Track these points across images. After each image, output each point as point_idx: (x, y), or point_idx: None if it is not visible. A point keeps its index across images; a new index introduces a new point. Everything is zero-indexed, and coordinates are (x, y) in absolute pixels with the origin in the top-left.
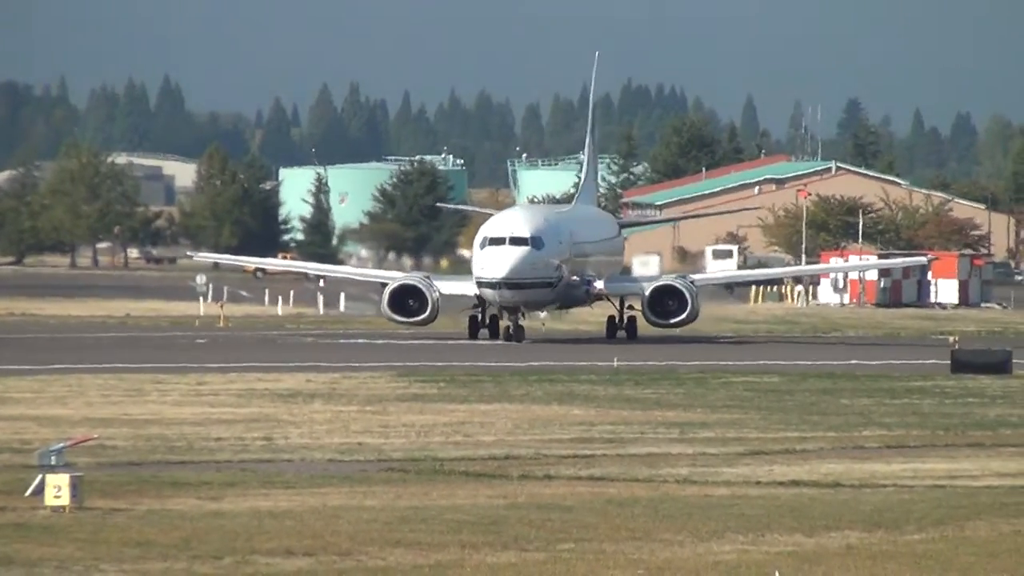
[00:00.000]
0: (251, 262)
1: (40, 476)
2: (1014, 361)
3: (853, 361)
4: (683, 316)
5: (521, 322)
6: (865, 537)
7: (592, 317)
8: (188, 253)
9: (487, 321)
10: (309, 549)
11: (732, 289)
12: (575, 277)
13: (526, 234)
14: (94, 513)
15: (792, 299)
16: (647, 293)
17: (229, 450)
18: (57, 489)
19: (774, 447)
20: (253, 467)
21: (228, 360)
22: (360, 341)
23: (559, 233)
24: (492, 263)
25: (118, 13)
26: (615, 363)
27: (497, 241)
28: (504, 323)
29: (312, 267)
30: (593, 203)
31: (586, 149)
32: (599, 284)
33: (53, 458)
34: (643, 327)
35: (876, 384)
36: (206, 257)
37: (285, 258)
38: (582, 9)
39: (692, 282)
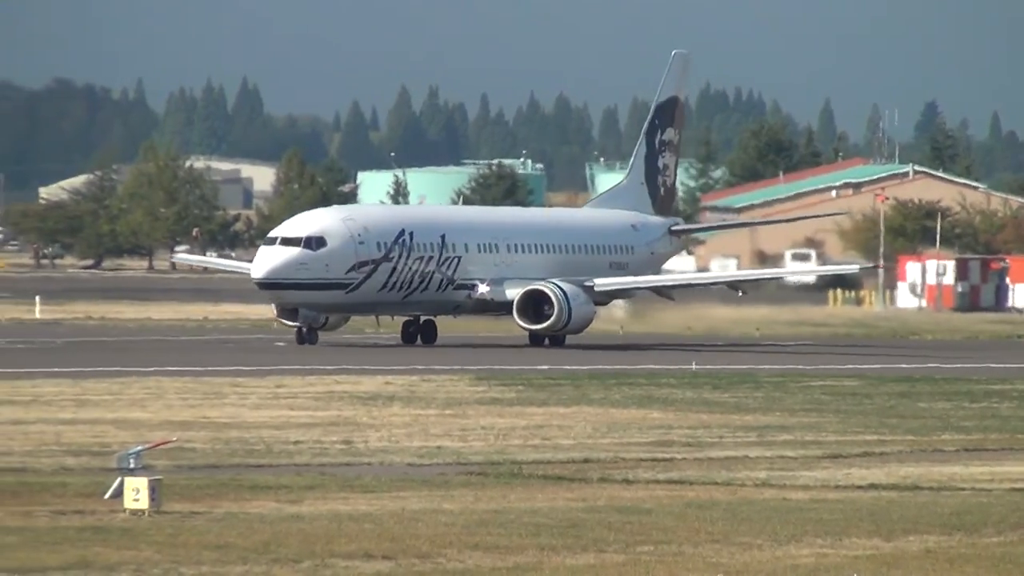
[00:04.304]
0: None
1: (119, 479)
2: None
3: (931, 365)
4: (550, 321)
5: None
6: (943, 540)
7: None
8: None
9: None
10: (388, 552)
11: (672, 296)
12: (468, 281)
13: (301, 234)
14: (173, 516)
15: (871, 303)
16: (516, 298)
17: (308, 453)
18: (136, 492)
19: (852, 450)
20: (332, 470)
21: (307, 363)
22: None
23: (373, 234)
24: (256, 264)
25: (196, 16)
26: (693, 366)
27: (269, 241)
28: (295, 324)
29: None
30: (641, 207)
31: (636, 150)
32: (483, 288)
33: (132, 461)
34: (599, 330)
35: (954, 387)
36: (185, 259)
37: None
38: (660, 12)
39: (591, 288)
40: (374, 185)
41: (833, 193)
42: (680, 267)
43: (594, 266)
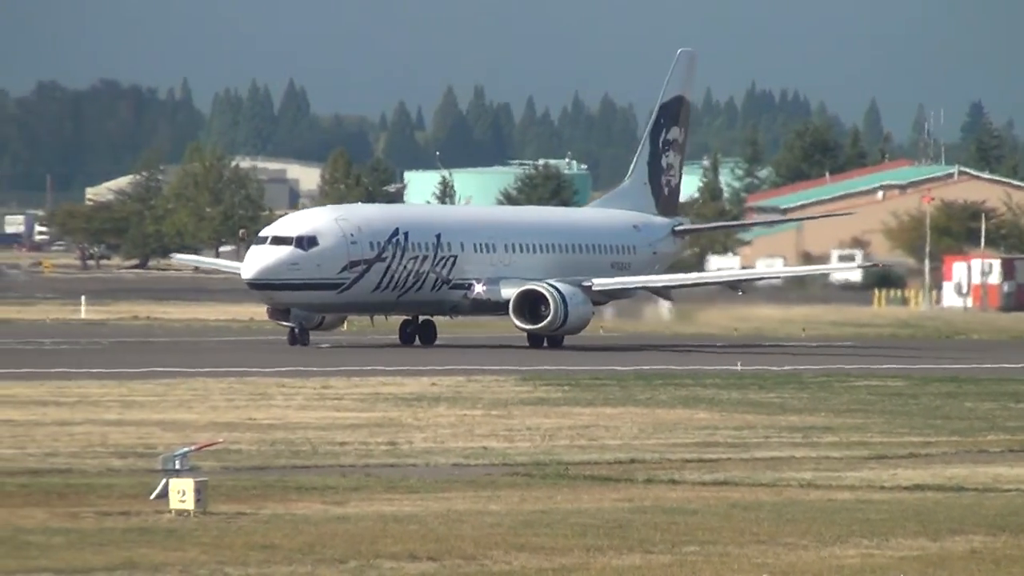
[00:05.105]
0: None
1: (164, 480)
2: None
3: (976, 365)
4: (546, 321)
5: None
6: (989, 541)
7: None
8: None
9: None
10: (433, 553)
11: (671, 297)
12: (463, 280)
13: (292, 234)
14: (218, 517)
15: (916, 303)
16: (512, 297)
17: (353, 454)
18: (181, 493)
19: (898, 451)
20: (377, 471)
21: (352, 364)
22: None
23: (366, 233)
24: (246, 264)
25: (241, 16)
26: (739, 367)
27: (260, 240)
28: (287, 325)
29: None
30: (644, 207)
31: (639, 151)
32: (479, 288)
33: (178, 462)
34: (645, 331)
35: (1000, 388)
36: (184, 259)
37: None
38: (704, 13)
39: (589, 287)
40: (421, 185)
41: (879, 194)
42: (726, 266)
43: (595, 266)
